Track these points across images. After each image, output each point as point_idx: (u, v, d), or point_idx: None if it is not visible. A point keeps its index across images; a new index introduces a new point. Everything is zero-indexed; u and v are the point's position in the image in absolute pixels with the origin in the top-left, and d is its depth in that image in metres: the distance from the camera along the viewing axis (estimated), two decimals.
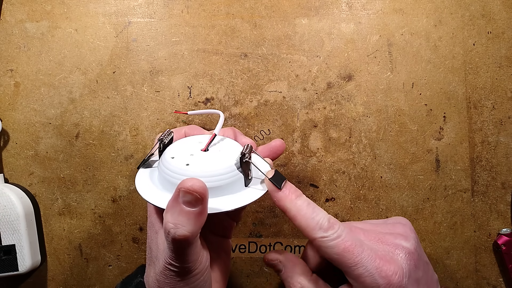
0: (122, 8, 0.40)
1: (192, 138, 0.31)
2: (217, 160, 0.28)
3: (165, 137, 0.30)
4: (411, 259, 0.27)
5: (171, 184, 0.27)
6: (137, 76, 0.40)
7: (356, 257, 0.26)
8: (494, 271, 0.39)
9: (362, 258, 0.26)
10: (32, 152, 0.39)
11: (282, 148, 0.33)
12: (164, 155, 0.29)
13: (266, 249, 0.39)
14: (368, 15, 0.40)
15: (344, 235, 0.27)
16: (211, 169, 0.27)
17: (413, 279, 0.27)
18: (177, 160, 0.28)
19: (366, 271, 0.26)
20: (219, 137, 0.32)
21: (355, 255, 0.26)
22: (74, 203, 0.39)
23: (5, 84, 0.39)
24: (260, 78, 0.40)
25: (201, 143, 0.30)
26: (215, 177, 0.28)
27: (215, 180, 0.28)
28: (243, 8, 0.40)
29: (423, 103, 0.40)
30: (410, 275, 0.27)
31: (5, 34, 0.40)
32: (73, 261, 0.39)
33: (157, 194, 0.28)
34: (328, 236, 0.26)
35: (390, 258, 0.27)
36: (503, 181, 0.39)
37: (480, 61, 0.40)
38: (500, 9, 0.40)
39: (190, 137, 0.32)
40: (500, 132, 0.39)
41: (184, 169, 0.27)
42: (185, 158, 0.28)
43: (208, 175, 0.27)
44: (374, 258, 0.26)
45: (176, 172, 0.27)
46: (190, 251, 0.25)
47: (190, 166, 0.27)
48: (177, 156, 0.28)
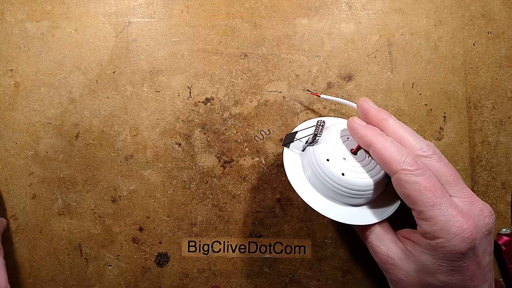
0: (122, 8, 0.40)
1: (338, 130, 0.33)
2: (368, 171, 0.31)
3: (319, 132, 0.31)
4: (488, 229, 0.27)
5: (327, 188, 0.30)
6: (137, 76, 0.40)
7: (436, 198, 0.25)
8: (494, 271, 0.39)
9: (441, 201, 0.26)
10: (32, 152, 0.39)
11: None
12: (317, 151, 0.31)
13: (266, 249, 0.39)
14: (368, 15, 0.40)
15: (428, 175, 0.26)
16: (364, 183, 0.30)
17: (483, 246, 0.26)
18: (332, 164, 0.30)
19: (442, 215, 0.25)
20: None
21: (435, 196, 0.25)
22: (74, 203, 0.39)
23: (5, 84, 0.39)
24: (260, 78, 0.40)
25: (349, 139, 0.32)
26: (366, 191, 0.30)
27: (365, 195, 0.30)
28: (243, 8, 0.40)
29: (423, 103, 0.40)
30: (481, 240, 0.26)
31: (5, 34, 0.40)
32: (73, 261, 0.39)
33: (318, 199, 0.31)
34: (412, 170, 0.26)
35: (469, 215, 0.26)
36: (503, 181, 0.39)
37: (480, 61, 0.40)
38: (500, 9, 0.40)
39: (335, 127, 0.33)
40: (500, 132, 0.39)
41: (340, 179, 0.30)
42: (339, 163, 0.30)
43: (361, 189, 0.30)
44: (453, 207, 0.26)
45: (332, 180, 0.30)
46: None
47: (346, 177, 0.30)
48: (331, 159, 0.30)
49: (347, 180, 0.30)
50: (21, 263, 0.39)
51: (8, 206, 0.39)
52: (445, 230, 0.25)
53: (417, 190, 0.26)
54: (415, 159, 0.27)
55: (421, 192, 0.26)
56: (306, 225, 0.39)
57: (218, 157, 0.39)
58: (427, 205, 0.25)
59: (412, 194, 0.26)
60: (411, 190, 0.26)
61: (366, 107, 0.31)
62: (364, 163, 0.31)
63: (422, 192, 0.26)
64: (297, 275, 0.39)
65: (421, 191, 0.26)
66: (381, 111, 0.30)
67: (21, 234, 0.39)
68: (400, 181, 0.26)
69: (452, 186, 0.27)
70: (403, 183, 0.26)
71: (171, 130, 0.40)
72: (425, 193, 0.25)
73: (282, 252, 0.39)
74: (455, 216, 0.25)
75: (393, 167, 0.27)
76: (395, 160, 0.27)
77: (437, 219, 0.25)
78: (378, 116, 0.30)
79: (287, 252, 0.39)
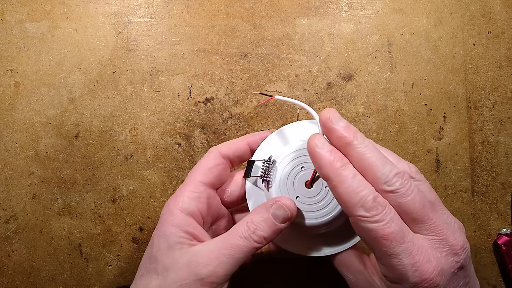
0: (122, 8, 0.40)
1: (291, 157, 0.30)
2: (326, 205, 0.29)
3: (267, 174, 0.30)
4: (459, 266, 0.24)
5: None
6: (137, 76, 0.40)
7: (395, 246, 0.23)
8: (494, 271, 0.39)
9: (400, 250, 0.23)
10: (32, 152, 0.39)
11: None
12: (268, 195, 0.30)
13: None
14: (368, 15, 0.40)
15: (388, 220, 0.23)
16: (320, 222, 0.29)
17: (453, 284, 0.24)
18: None
19: (400, 264, 0.23)
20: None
21: (393, 245, 0.23)
22: (74, 203, 0.39)
23: (5, 84, 0.39)
24: (260, 78, 0.40)
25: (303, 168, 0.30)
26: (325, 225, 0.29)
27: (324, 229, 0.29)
28: (243, 8, 0.40)
29: (423, 103, 0.40)
30: (450, 280, 0.24)
31: (5, 34, 0.40)
32: (73, 261, 0.39)
33: None
34: (370, 216, 0.23)
35: (433, 258, 0.24)
36: (503, 181, 0.39)
37: (480, 61, 0.40)
38: (500, 9, 0.40)
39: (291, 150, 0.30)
40: (500, 132, 0.39)
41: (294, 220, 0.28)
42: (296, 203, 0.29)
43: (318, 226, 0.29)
44: (414, 253, 0.23)
45: None
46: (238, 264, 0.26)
47: (299, 219, 0.29)
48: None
49: (301, 221, 0.28)
50: (21, 263, 0.39)
51: (8, 206, 0.39)
52: (404, 279, 0.23)
53: (374, 238, 0.24)
54: (376, 200, 0.24)
55: (378, 241, 0.23)
56: None
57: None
58: (385, 254, 0.24)
59: (368, 242, 0.24)
60: (368, 237, 0.24)
61: (329, 127, 0.26)
62: (321, 197, 0.29)
63: (379, 241, 0.23)
64: (297, 275, 0.39)
65: (378, 240, 0.23)
66: (345, 132, 0.26)
67: (21, 234, 0.39)
68: (356, 226, 0.25)
69: (419, 223, 0.24)
70: (359, 229, 0.24)
71: (171, 130, 0.40)
72: (382, 242, 0.23)
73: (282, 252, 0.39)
74: (414, 265, 0.23)
75: (349, 211, 0.24)
76: (351, 203, 0.24)
77: (395, 268, 0.23)
78: (342, 140, 0.26)
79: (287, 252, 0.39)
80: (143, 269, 0.28)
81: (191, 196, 0.29)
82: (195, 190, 0.29)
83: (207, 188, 0.30)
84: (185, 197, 0.29)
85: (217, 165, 0.31)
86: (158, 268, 0.27)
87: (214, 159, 0.31)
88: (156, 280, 0.27)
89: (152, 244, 0.28)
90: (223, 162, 0.31)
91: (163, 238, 0.28)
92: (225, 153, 0.31)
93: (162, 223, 0.28)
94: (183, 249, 0.27)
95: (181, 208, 0.28)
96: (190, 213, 0.29)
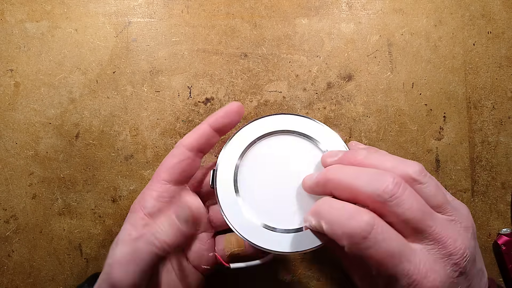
0: (122, 8, 0.40)
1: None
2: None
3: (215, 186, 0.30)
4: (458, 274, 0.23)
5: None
6: (137, 76, 0.40)
7: (391, 268, 0.22)
8: (494, 271, 0.39)
9: (397, 270, 0.22)
10: (32, 152, 0.39)
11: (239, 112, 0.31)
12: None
13: None
14: (368, 15, 0.40)
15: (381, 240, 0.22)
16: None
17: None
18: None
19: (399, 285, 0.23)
20: None
21: (389, 267, 0.22)
22: (74, 203, 0.39)
23: (5, 84, 0.39)
24: (260, 78, 0.40)
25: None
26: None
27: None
28: (243, 8, 0.40)
29: (423, 103, 0.40)
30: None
31: (5, 34, 0.40)
32: (73, 261, 0.39)
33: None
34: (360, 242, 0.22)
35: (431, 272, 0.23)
36: (503, 181, 0.39)
37: (480, 61, 0.40)
38: (500, 9, 0.40)
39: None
40: (500, 132, 0.39)
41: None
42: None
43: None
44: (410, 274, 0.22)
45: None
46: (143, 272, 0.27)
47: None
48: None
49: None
50: (21, 263, 0.39)
51: (8, 206, 0.39)
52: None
53: (368, 263, 0.23)
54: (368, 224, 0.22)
55: (372, 265, 0.23)
56: None
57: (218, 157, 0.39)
58: (381, 275, 0.23)
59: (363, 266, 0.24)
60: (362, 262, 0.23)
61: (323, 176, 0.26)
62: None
63: (373, 266, 0.23)
64: (297, 275, 0.39)
65: (373, 265, 0.23)
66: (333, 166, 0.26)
67: (21, 234, 0.39)
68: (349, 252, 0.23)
69: (417, 233, 0.23)
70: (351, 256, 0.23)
71: (171, 130, 0.40)
72: (377, 267, 0.22)
73: None
74: (411, 284, 0.22)
75: (339, 242, 0.23)
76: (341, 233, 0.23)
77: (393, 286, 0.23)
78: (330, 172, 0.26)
79: None
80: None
81: (153, 195, 0.29)
82: (156, 189, 0.30)
83: (172, 186, 0.30)
84: (149, 199, 0.29)
85: (181, 161, 0.30)
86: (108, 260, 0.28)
87: (177, 155, 0.30)
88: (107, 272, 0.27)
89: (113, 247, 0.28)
90: (187, 157, 0.30)
91: (121, 232, 0.29)
92: (190, 144, 0.30)
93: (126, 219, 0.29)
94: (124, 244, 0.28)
95: (147, 213, 0.29)
96: (149, 212, 0.29)
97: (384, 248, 0.22)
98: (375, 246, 0.22)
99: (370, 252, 0.22)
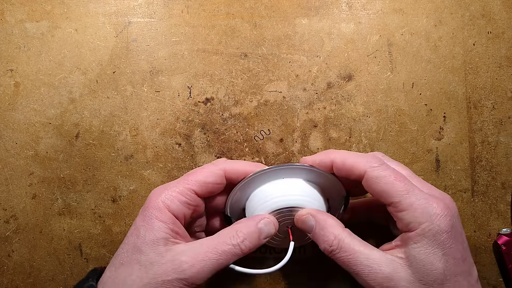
0: (122, 8, 0.40)
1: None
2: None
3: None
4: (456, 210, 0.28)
5: None
6: (137, 76, 0.40)
7: (408, 186, 0.27)
8: (494, 271, 0.39)
9: (413, 188, 0.27)
10: (32, 152, 0.39)
11: None
12: None
13: (266, 249, 0.39)
14: (368, 15, 0.40)
15: (392, 169, 0.28)
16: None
17: (459, 227, 0.27)
18: None
19: (418, 200, 0.27)
20: None
21: (407, 184, 0.27)
22: (74, 203, 0.39)
23: (5, 84, 0.39)
24: (260, 78, 0.40)
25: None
26: None
27: None
28: (243, 8, 0.40)
29: (423, 103, 0.40)
30: (456, 220, 0.27)
31: (5, 34, 0.40)
32: (73, 261, 0.39)
33: None
34: (378, 166, 0.28)
35: (438, 198, 0.27)
36: (503, 181, 0.39)
37: (480, 61, 0.40)
38: (500, 9, 0.40)
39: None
40: (500, 132, 0.39)
41: None
42: None
43: None
44: (423, 192, 0.27)
45: None
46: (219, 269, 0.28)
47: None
48: None
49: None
50: (21, 263, 0.39)
51: (8, 206, 0.39)
52: (426, 213, 0.26)
53: (389, 183, 0.27)
54: (376, 160, 0.29)
55: (393, 183, 0.27)
56: None
57: (218, 157, 0.39)
58: (403, 194, 0.27)
59: (385, 187, 0.27)
60: (384, 184, 0.27)
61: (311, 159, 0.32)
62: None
63: (393, 184, 0.27)
64: (297, 275, 0.39)
65: (393, 183, 0.27)
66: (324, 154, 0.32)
67: (21, 234, 0.39)
68: (371, 179, 0.28)
69: (412, 178, 0.29)
70: (374, 180, 0.28)
71: (171, 130, 0.40)
72: (396, 183, 0.27)
73: (282, 252, 0.39)
74: (429, 199, 0.27)
75: (360, 169, 0.28)
76: (359, 163, 0.29)
77: (416, 205, 0.26)
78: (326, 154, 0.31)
79: None
80: (124, 257, 0.28)
81: (181, 200, 0.29)
82: (186, 196, 0.30)
83: (197, 198, 0.31)
84: (175, 199, 0.29)
85: (216, 183, 0.31)
86: (142, 259, 0.27)
87: (216, 176, 0.31)
88: (139, 271, 0.27)
89: (137, 234, 0.28)
90: (222, 183, 0.31)
91: (150, 230, 0.28)
92: (229, 174, 0.31)
93: (149, 216, 0.28)
94: (168, 245, 0.28)
95: (168, 208, 0.29)
96: (176, 215, 0.29)
97: (398, 172, 0.28)
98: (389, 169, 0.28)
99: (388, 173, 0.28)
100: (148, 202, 0.29)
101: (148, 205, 0.29)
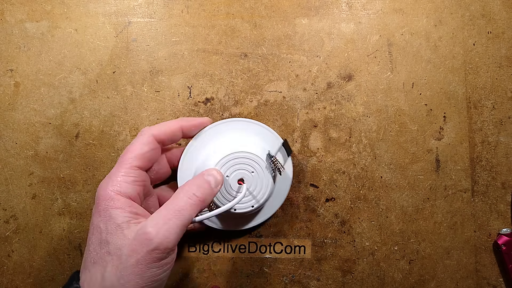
0: (122, 8, 0.40)
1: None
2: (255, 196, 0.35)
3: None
4: None
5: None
6: (137, 76, 0.40)
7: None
8: (494, 271, 0.39)
9: None
10: (32, 152, 0.39)
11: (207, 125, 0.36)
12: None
13: (266, 249, 0.39)
14: (368, 15, 0.40)
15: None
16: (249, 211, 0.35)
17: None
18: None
19: None
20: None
21: None
22: (74, 203, 0.39)
23: (5, 84, 0.39)
24: (260, 78, 0.40)
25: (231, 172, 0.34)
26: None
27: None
28: (243, 8, 0.40)
29: (423, 103, 0.40)
30: None
31: (5, 34, 0.40)
32: (73, 261, 0.39)
33: None
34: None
35: None
36: (503, 181, 0.39)
37: (480, 61, 0.40)
38: (500, 9, 0.40)
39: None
40: (500, 132, 0.39)
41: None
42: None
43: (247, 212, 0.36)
44: None
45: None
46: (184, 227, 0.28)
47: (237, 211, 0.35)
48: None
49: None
50: (21, 263, 0.39)
51: (8, 206, 0.39)
52: None
53: None
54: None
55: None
56: (306, 225, 0.39)
57: None
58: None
59: None
60: None
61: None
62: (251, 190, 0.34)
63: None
64: (297, 275, 0.39)
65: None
66: None
67: (21, 234, 0.39)
68: None
69: None
70: None
71: None
72: None
73: (282, 252, 0.39)
74: None
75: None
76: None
77: None
78: None
79: (287, 252, 0.39)
80: (94, 255, 0.28)
81: (128, 180, 0.30)
82: (131, 174, 0.30)
83: (141, 172, 0.31)
84: (122, 182, 0.29)
85: (152, 149, 0.32)
86: (111, 249, 0.27)
87: (148, 144, 0.32)
88: (111, 261, 0.27)
89: (99, 230, 0.28)
90: (157, 147, 0.32)
91: (109, 220, 0.28)
92: (159, 136, 0.32)
93: (104, 209, 0.28)
94: (130, 226, 0.27)
95: (120, 193, 0.29)
96: (129, 196, 0.29)
97: None
98: None
99: None
100: (98, 197, 0.29)
101: (99, 201, 0.29)
